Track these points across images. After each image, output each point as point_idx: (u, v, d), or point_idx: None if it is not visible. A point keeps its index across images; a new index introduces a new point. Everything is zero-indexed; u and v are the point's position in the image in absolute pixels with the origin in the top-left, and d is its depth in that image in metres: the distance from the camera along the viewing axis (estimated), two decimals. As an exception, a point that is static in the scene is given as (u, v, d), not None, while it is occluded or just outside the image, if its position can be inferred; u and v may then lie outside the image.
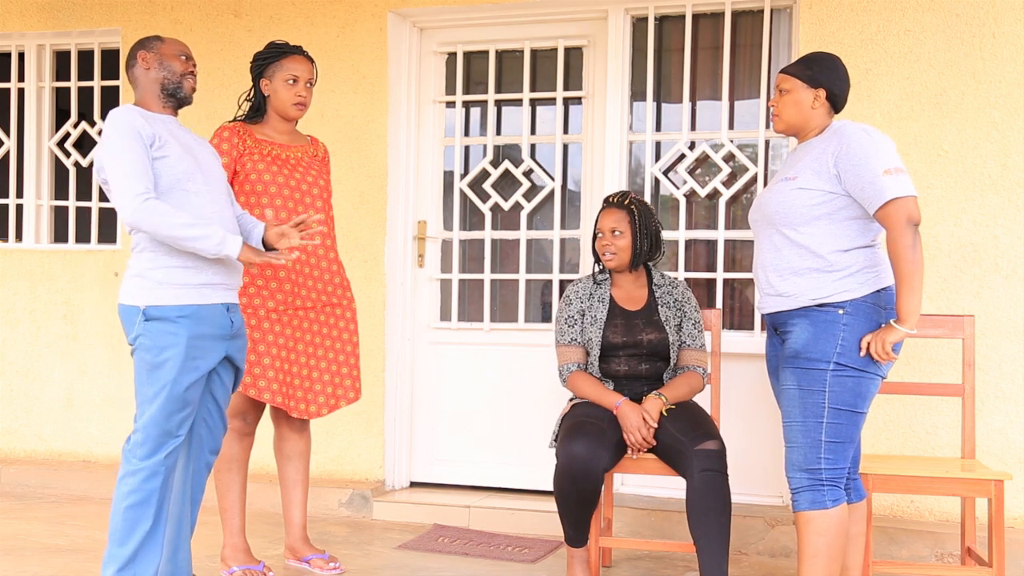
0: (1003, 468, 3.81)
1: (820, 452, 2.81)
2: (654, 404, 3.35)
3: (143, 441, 2.85)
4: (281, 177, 3.44)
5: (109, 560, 2.85)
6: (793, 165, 2.94)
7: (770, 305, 2.96)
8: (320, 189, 3.54)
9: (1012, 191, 3.91)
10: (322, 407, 3.53)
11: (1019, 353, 3.90)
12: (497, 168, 4.70)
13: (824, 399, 2.79)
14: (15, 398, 5.23)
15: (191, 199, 2.90)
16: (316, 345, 3.52)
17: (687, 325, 3.52)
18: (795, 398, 2.84)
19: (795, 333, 2.86)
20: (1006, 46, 3.93)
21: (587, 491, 3.25)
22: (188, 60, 3.00)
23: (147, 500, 2.83)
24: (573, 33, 4.61)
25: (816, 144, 2.91)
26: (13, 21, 5.24)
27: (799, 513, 2.84)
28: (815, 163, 2.85)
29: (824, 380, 2.80)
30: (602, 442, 3.27)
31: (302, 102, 3.50)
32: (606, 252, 3.52)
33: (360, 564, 3.71)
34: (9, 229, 5.35)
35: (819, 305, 2.82)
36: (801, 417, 2.83)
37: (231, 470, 3.50)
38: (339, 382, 3.57)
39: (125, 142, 2.82)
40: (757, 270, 3.01)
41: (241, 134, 3.46)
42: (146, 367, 2.86)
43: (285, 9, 4.81)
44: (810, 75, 2.93)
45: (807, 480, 2.83)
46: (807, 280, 2.85)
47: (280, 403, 3.43)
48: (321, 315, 3.54)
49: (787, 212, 2.86)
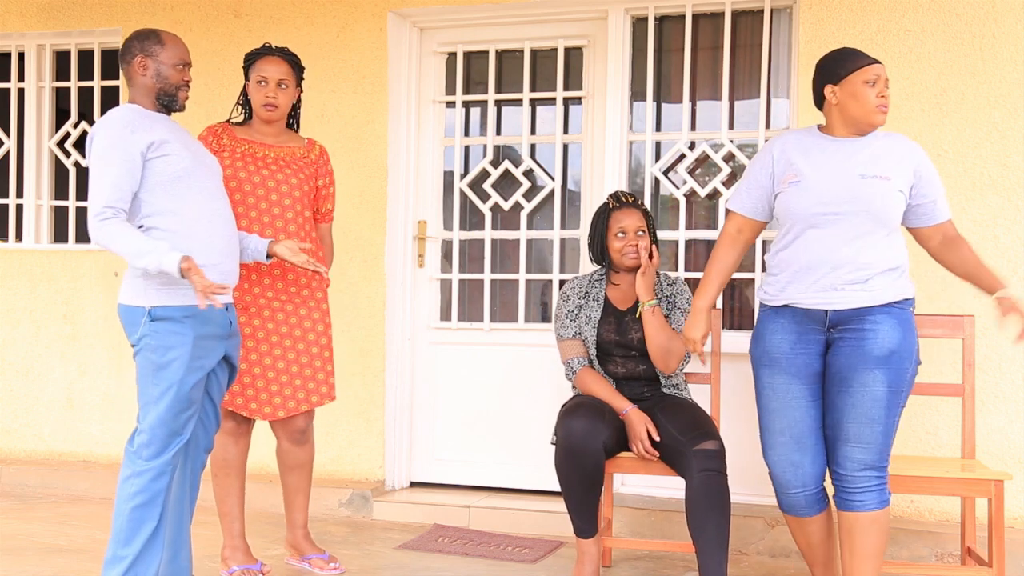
0: (1003, 468, 3.81)
1: (889, 450, 2.86)
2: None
3: (149, 442, 2.85)
4: (244, 173, 3.38)
5: (112, 561, 2.84)
6: (874, 163, 2.88)
7: (847, 300, 2.86)
8: (291, 188, 3.43)
9: (1012, 191, 3.91)
10: (278, 409, 3.43)
11: (1019, 353, 3.90)
12: (497, 168, 4.70)
13: (903, 399, 2.86)
14: (15, 398, 5.23)
15: (193, 196, 2.91)
16: (276, 345, 3.42)
17: (675, 314, 3.52)
18: (882, 399, 2.81)
19: (882, 331, 2.83)
20: (1006, 46, 3.93)
21: (588, 467, 3.25)
22: (185, 68, 3.00)
23: (153, 500, 2.83)
24: (573, 33, 4.60)
25: (889, 148, 2.93)
26: (13, 21, 5.24)
27: (862, 514, 2.82)
28: (901, 170, 2.90)
29: (909, 379, 2.86)
30: (601, 419, 3.29)
31: (270, 103, 3.42)
32: (629, 252, 3.50)
33: (360, 564, 3.71)
34: (9, 229, 5.35)
35: (898, 302, 2.87)
36: (886, 418, 2.82)
37: (228, 475, 3.47)
38: (300, 384, 3.44)
39: (109, 154, 2.82)
40: (826, 267, 2.87)
41: (218, 133, 3.46)
42: (151, 367, 2.86)
43: (285, 9, 4.81)
44: None
45: (875, 479, 2.84)
46: (889, 278, 2.88)
47: (240, 405, 3.38)
48: (279, 313, 3.43)
49: (892, 212, 2.88)
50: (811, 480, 2.96)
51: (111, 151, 2.82)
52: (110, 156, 2.82)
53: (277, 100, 3.44)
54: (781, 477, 2.98)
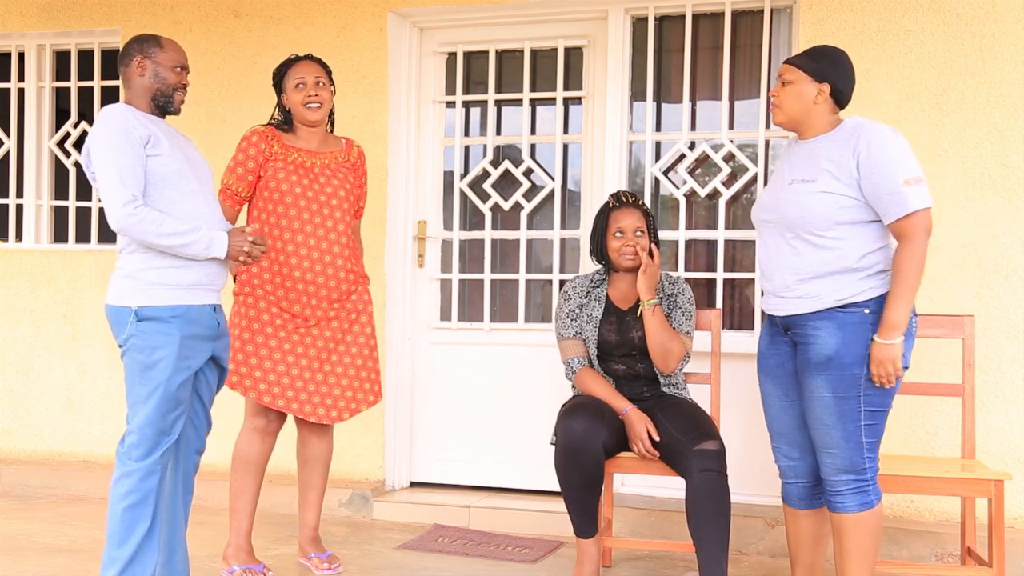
0: (1003, 468, 3.81)
1: (863, 453, 2.80)
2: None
3: (139, 442, 2.86)
4: (299, 188, 3.45)
5: (109, 563, 2.85)
6: (806, 166, 2.83)
7: (787, 307, 2.87)
8: (340, 199, 3.51)
9: (1012, 191, 3.91)
10: (343, 411, 3.53)
11: (1019, 353, 3.90)
12: (497, 168, 4.70)
13: (860, 404, 2.77)
14: (15, 398, 5.23)
15: (185, 197, 2.92)
16: (331, 351, 3.51)
17: (676, 313, 3.52)
18: (830, 405, 2.79)
19: (821, 337, 2.78)
20: (1006, 46, 3.93)
21: (588, 467, 3.25)
22: (183, 71, 3.02)
23: (145, 500, 2.84)
24: (573, 33, 4.60)
25: (831, 144, 2.81)
26: (13, 21, 5.24)
27: (845, 515, 2.82)
28: (836, 167, 2.76)
29: (859, 385, 2.76)
30: (600, 418, 3.29)
31: (313, 99, 3.49)
32: (626, 252, 3.50)
33: (360, 564, 3.71)
34: (9, 229, 5.35)
35: (843, 306, 2.77)
36: (839, 423, 2.78)
37: (247, 472, 3.50)
38: (358, 386, 3.56)
39: (118, 143, 2.82)
40: (773, 273, 2.91)
41: (269, 139, 3.49)
42: (139, 367, 2.87)
43: (285, 9, 4.81)
44: (816, 68, 2.85)
45: (854, 482, 2.81)
46: (830, 282, 2.78)
47: (295, 410, 3.45)
48: (334, 322, 3.52)
49: (811, 218, 2.78)
50: (804, 472, 3.02)
51: (119, 139, 2.82)
52: (120, 145, 2.82)
53: (319, 96, 3.50)
54: (778, 464, 3.09)
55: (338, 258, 3.50)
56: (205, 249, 2.87)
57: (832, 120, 2.89)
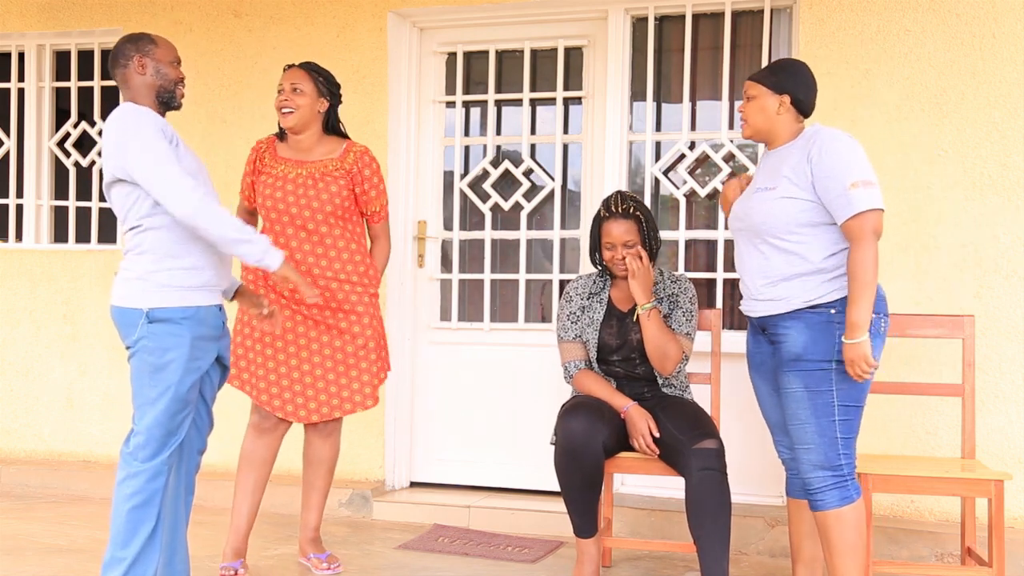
0: (1003, 468, 3.81)
1: (838, 449, 2.86)
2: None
3: (146, 443, 2.85)
4: (278, 198, 3.49)
5: (112, 563, 2.84)
6: (770, 174, 2.97)
7: (760, 309, 3.00)
8: (322, 203, 3.46)
9: (1012, 191, 3.91)
10: (312, 413, 3.49)
11: (1019, 353, 3.90)
12: (497, 168, 4.70)
13: (833, 398, 2.85)
14: (15, 398, 5.23)
15: None
16: (313, 352, 3.49)
17: (676, 314, 3.51)
18: (803, 400, 2.87)
19: (791, 336, 2.90)
20: (1006, 46, 3.93)
21: (587, 467, 3.26)
22: (179, 65, 3.03)
23: (150, 501, 2.84)
24: (573, 33, 4.61)
25: (792, 151, 2.95)
26: (13, 21, 5.24)
27: (826, 512, 2.87)
28: (794, 172, 2.89)
29: (830, 379, 2.85)
30: (600, 418, 3.30)
31: (283, 105, 3.50)
32: (617, 263, 3.48)
33: (360, 564, 3.71)
34: (9, 229, 5.35)
35: (812, 307, 2.88)
36: (814, 418, 2.86)
37: (244, 469, 3.53)
38: (335, 391, 3.50)
39: (158, 141, 2.79)
40: (744, 276, 3.05)
41: (262, 151, 3.59)
42: (148, 369, 2.85)
43: (285, 9, 4.81)
44: (774, 81, 3.00)
45: (831, 478, 2.87)
46: (797, 284, 2.90)
47: (264, 401, 3.48)
48: (322, 324, 3.50)
49: (773, 223, 2.91)
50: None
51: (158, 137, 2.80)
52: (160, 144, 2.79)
53: (291, 102, 3.50)
54: (780, 456, 3.20)
55: (314, 267, 3.47)
56: (262, 253, 2.84)
57: (796, 129, 3.02)
